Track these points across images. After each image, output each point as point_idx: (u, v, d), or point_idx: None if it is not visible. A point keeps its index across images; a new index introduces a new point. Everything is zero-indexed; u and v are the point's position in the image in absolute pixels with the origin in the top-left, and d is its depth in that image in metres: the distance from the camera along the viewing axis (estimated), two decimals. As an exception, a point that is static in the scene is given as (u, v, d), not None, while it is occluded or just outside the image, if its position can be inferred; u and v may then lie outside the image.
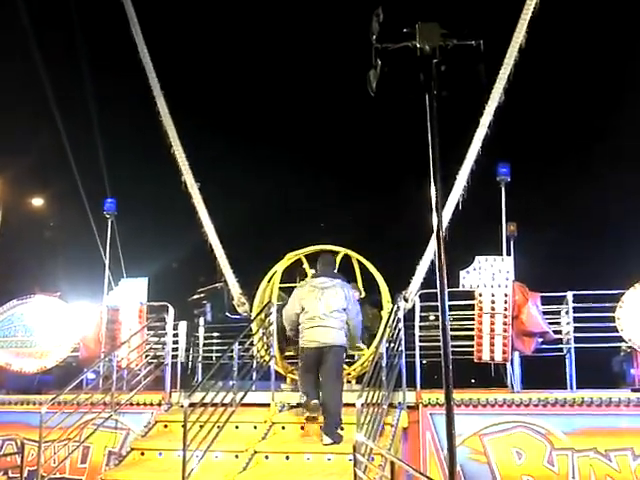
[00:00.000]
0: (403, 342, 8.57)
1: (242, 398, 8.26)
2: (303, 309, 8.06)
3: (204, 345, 11.10)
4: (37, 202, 26.31)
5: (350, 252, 10.46)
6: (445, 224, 8.80)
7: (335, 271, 8.64)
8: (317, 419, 7.88)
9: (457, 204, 9.48)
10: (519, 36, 9.33)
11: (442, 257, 5.19)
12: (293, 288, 8.81)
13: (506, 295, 8.52)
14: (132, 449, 8.17)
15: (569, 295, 9.09)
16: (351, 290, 8.42)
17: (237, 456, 7.54)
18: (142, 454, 8.06)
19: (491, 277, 8.59)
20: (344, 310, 8.02)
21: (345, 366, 9.98)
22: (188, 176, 11.11)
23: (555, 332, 8.96)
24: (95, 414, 8.56)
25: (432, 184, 5.24)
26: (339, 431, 7.54)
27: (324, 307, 7.95)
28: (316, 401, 7.79)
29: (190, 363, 10.74)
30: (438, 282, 5.09)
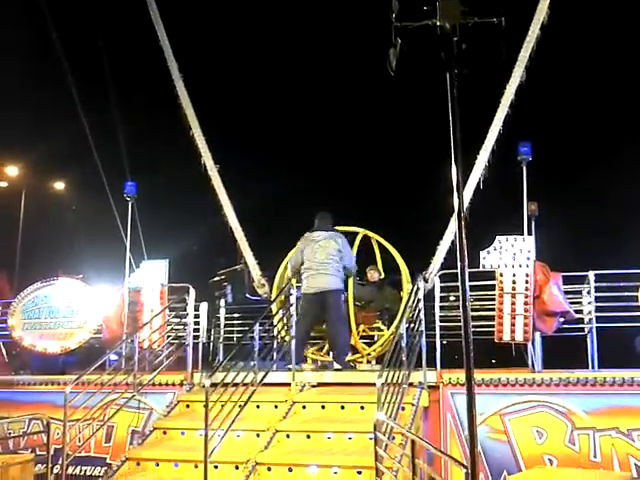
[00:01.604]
0: (423, 322, 8.56)
1: (263, 378, 8.31)
2: (304, 259, 9.09)
3: (225, 326, 11.17)
4: (58, 186, 26.60)
5: (370, 233, 10.47)
6: (466, 204, 8.84)
7: (330, 225, 9.42)
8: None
9: (478, 184, 9.43)
10: (541, 13, 9.20)
11: (463, 237, 5.15)
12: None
13: (527, 275, 8.46)
14: (155, 428, 8.27)
15: (591, 274, 9.03)
16: (343, 238, 9.27)
17: (258, 435, 7.61)
18: (164, 433, 8.16)
19: (512, 257, 8.53)
20: (339, 258, 9.03)
21: (365, 346, 10.07)
22: (207, 158, 11.14)
23: (576, 312, 8.91)
24: (118, 394, 8.66)
25: (453, 164, 5.19)
26: (346, 359, 8.96)
27: (320, 257, 9.00)
28: None
29: (211, 344, 10.82)
30: (459, 262, 5.06)
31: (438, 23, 4.73)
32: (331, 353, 9.65)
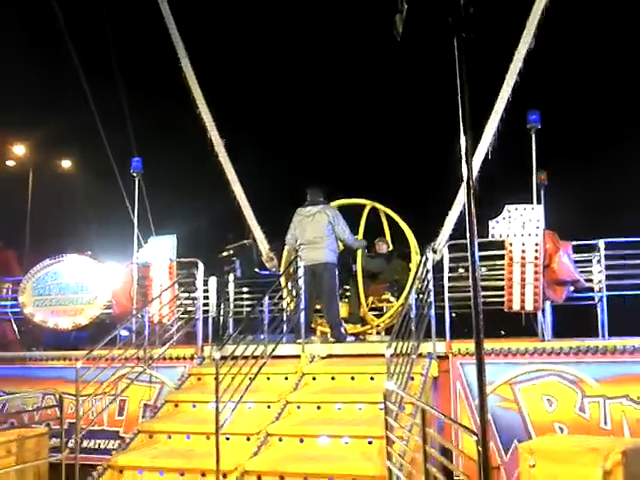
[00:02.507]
0: (432, 293, 8.55)
1: (273, 350, 8.35)
2: (297, 235, 9.31)
3: (234, 300, 11.20)
4: (65, 164, 26.63)
5: (378, 205, 10.44)
6: (475, 173, 8.77)
7: (320, 198, 9.48)
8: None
9: (487, 153, 9.35)
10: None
11: (472, 207, 5.09)
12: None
13: (537, 244, 8.40)
14: (166, 401, 8.34)
15: (600, 243, 8.98)
16: (333, 210, 9.39)
17: (269, 406, 7.65)
18: (176, 406, 8.22)
19: (521, 226, 8.48)
20: (330, 230, 9.15)
21: (374, 318, 10.08)
22: (214, 134, 11.11)
23: (586, 280, 8.87)
24: (129, 368, 8.72)
25: (461, 132, 5.12)
26: (342, 330, 9.19)
27: (312, 232, 9.16)
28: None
29: (221, 318, 10.86)
30: (468, 232, 5.01)
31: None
32: None
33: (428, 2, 4.89)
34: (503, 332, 11.30)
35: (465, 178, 5.15)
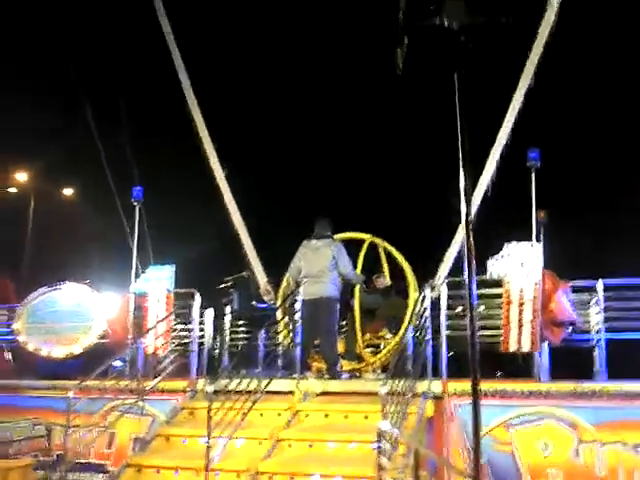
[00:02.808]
0: (429, 331, 8.46)
1: (267, 385, 8.23)
2: (301, 268, 9.23)
3: (230, 333, 11.11)
4: (67, 192, 26.70)
5: (377, 239, 10.41)
6: (474, 211, 8.75)
7: (327, 232, 9.49)
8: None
9: (486, 190, 9.34)
10: (550, 17, 9.12)
11: (470, 245, 5.05)
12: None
13: (535, 283, 8.33)
14: (157, 435, 8.18)
15: (599, 284, 8.90)
16: (338, 245, 9.37)
17: (261, 443, 7.50)
18: (167, 440, 8.07)
19: (520, 265, 8.41)
20: (334, 265, 9.09)
21: (370, 355, 9.97)
22: (215, 164, 11.14)
23: (585, 322, 8.78)
24: (121, 400, 8.60)
25: (460, 169, 5.10)
26: (337, 368, 9.07)
27: (316, 266, 9.10)
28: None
29: (216, 351, 10.76)
30: (466, 270, 4.95)
31: (445, 22, 4.64)
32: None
33: (429, 37, 4.90)
34: (500, 373, 11.16)
35: (464, 215, 5.11)
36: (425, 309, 8.50)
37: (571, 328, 8.54)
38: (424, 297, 8.56)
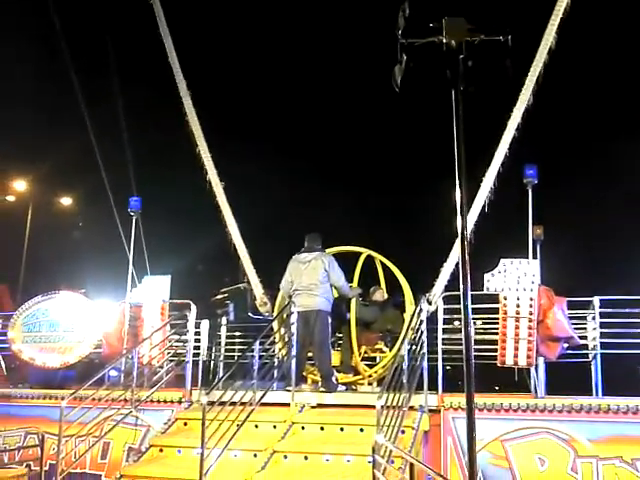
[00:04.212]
0: (426, 345, 8.46)
1: (262, 397, 8.21)
2: (292, 281, 9.20)
3: (226, 344, 11.08)
4: (65, 201, 26.70)
5: (373, 253, 10.40)
6: (470, 226, 8.76)
7: (318, 245, 9.48)
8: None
9: (483, 206, 9.36)
10: (549, 37, 9.19)
11: (466, 260, 5.08)
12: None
13: (532, 299, 8.36)
14: (151, 446, 8.16)
15: (596, 300, 8.92)
16: (329, 257, 9.33)
17: (256, 455, 7.48)
18: (161, 451, 8.04)
19: (516, 280, 8.44)
20: (326, 278, 9.09)
21: (366, 368, 9.96)
22: (213, 175, 11.12)
23: (581, 337, 8.79)
24: (115, 410, 8.56)
25: (457, 186, 5.13)
26: (333, 380, 9.00)
27: (307, 279, 9.09)
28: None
29: (212, 362, 10.73)
30: (461, 285, 4.98)
31: (444, 40, 4.68)
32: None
33: (427, 55, 4.95)
34: (497, 387, 11.15)
35: (459, 230, 5.14)
36: (421, 322, 8.50)
37: (567, 345, 8.54)
38: (420, 310, 8.57)
